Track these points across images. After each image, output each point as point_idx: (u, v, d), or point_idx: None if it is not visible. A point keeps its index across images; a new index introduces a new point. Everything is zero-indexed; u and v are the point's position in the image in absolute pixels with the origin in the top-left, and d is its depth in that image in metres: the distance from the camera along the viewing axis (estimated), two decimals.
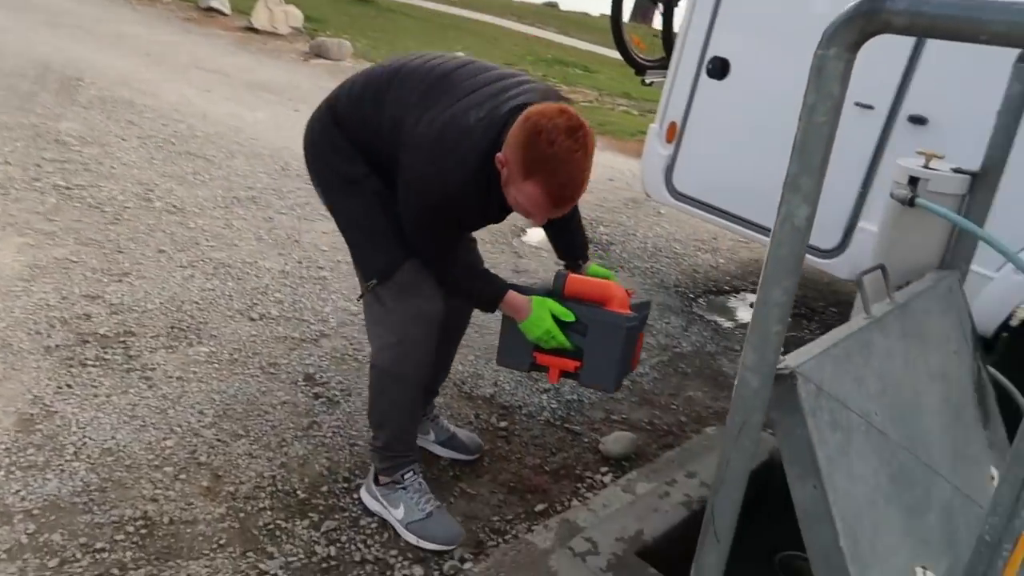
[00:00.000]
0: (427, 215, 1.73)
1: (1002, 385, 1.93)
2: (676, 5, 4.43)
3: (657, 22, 4.51)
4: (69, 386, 2.32)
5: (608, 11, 4.77)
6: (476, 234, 2.11)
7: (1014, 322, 2.79)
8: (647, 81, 4.55)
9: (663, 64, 4.59)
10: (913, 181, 1.90)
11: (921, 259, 1.95)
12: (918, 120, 2.92)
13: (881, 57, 2.97)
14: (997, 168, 1.83)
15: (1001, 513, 0.96)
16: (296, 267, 3.46)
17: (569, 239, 2.12)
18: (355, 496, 2.08)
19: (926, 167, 1.90)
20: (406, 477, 2.01)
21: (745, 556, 1.96)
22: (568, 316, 1.86)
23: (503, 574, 1.80)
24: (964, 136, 2.72)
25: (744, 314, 3.93)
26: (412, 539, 1.95)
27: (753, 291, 4.23)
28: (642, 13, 14.82)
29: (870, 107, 3.05)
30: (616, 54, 4.89)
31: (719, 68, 3.55)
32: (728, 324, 3.74)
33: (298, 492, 2.07)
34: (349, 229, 1.90)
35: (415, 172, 1.70)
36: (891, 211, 1.97)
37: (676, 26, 4.43)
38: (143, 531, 1.85)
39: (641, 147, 4.25)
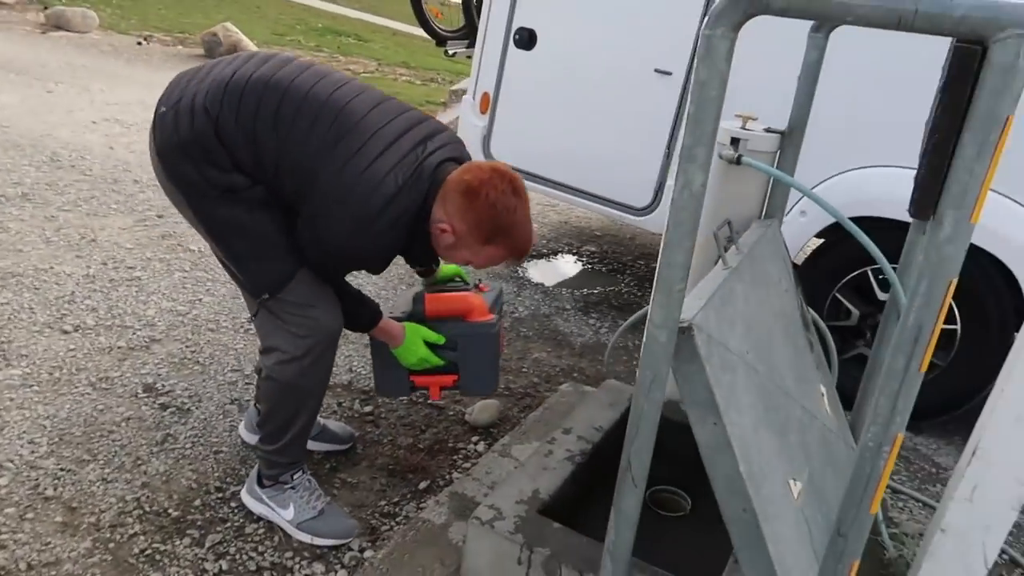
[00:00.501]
0: (333, 262, 1.77)
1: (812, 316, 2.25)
2: None
3: None
4: None
5: None
6: None
7: (798, 260, 3.21)
8: (450, 52, 4.58)
9: (465, 35, 4.64)
10: (735, 141, 2.13)
11: (745, 211, 2.19)
12: None
13: (676, 25, 3.26)
14: (801, 127, 2.10)
15: (880, 422, 1.14)
16: (102, 269, 3.14)
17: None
18: (233, 505, 1.98)
19: (743, 128, 2.13)
20: (295, 477, 1.94)
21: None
22: (439, 339, 1.97)
23: (408, 555, 1.82)
24: (750, 95, 3.08)
25: (567, 273, 4.14)
26: (306, 538, 1.90)
27: (569, 252, 4.47)
28: None
29: (668, 73, 3.31)
30: (388, 22, 4.87)
31: (526, 39, 3.67)
32: (553, 285, 3.93)
33: (169, 511, 1.92)
34: (229, 240, 1.75)
35: (333, 226, 1.66)
36: (717, 170, 2.19)
37: None
38: None
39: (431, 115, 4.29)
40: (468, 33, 4.59)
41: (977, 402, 2.87)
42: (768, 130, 2.15)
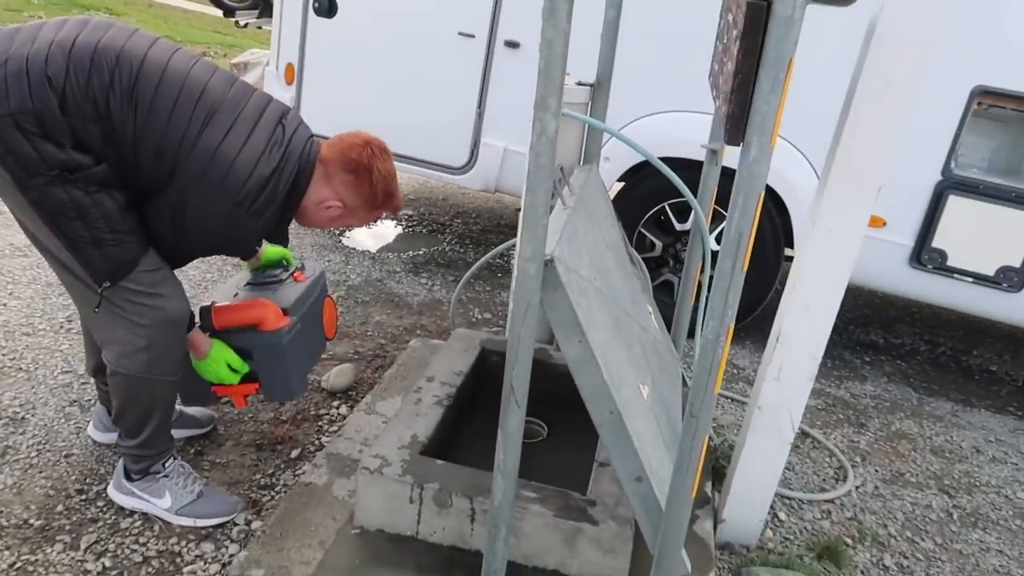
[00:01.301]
0: (201, 248, 1.78)
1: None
2: None
3: None
4: None
5: None
6: None
7: None
8: (241, 23, 4.40)
9: (254, 3, 4.48)
10: None
11: (567, 159, 2.41)
12: (513, 44, 3.42)
13: None
14: (607, 79, 2.34)
15: (716, 316, 1.39)
16: None
17: None
18: (100, 504, 1.91)
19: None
20: (167, 465, 1.91)
21: (484, 427, 2.31)
22: (243, 367, 1.98)
23: (297, 516, 1.87)
24: None
25: (390, 237, 4.22)
26: (188, 522, 1.88)
27: (387, 217, 4.53)
28: None
29: (472, 36, 3.46)
30: None
31: (327, 6, 3.65)
32: (379, 250, 4.00)
33: (31, 521, 1.82)
34: (65, 225, 1.62)
35: (208, 212, 1.65)
36: None
37: None
38: None
39: None
40: (257, 2, 4.43)
41: (760, 311, 3.37)
42: (580, 83, 2.38)
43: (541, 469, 2.19)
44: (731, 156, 2.90)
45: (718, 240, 2.76)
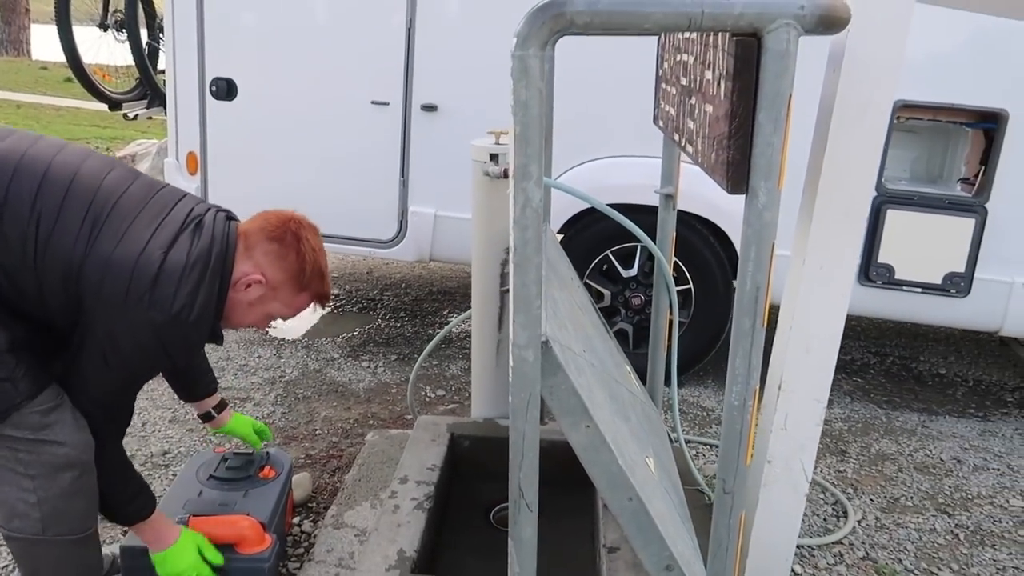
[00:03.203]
0: (136, 379, 1.54)
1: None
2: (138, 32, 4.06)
3: (123, 52, 4.09)
4: None
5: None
6: None
7: None
8: (130, 115, 4.12)
9: (141, 94, 4.22)
10: (493, 157, 2.20)
11: (509, 222, 2.28)
12: (430, 108, 3.30)
13: (383, 56, 3.27)
14: (548, 133, 2.23)
15: (740, 380, 1.26)
16: None
17: (196, 367, 2.00)
18: None
19: (498, 143, 2.21)
20: None
21: (467, 521, 2.11)
22: (218, 560, 1.73)
23: None
24: (470, 114, 3.21)
25: (320, 322, 3.97)
26: None
27: None
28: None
29: (386, 103, 3.32)
30: (8, 95, 4.28)
31: (225, 89, 3.44)
32: (311, 338, 3.74)
33: None
34: None
35: (137, 331, 1.43)
36: (480, 188, 2.25)
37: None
38: None
39: None
40: (145, 92, 4.17)
41: (719, 346, 3.30)
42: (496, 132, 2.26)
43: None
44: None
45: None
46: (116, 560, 1.85)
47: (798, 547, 2.18)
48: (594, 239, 3.23)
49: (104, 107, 4.32)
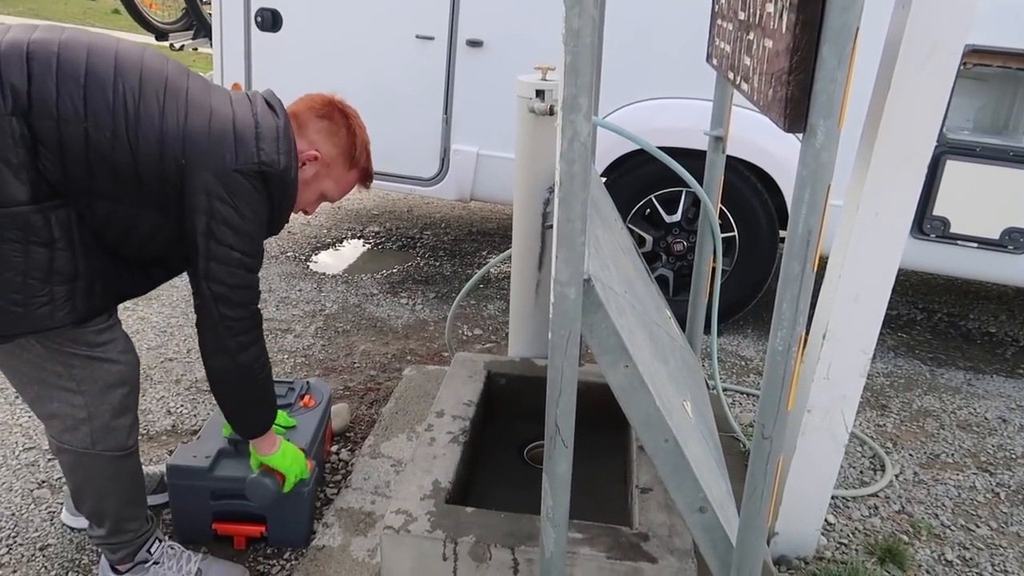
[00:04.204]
0: (251, 233, 1.51)
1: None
2: None
3: None
4: None
5: None
6: None
7: None
8: (176, 46, 4.13)
9: (187, 24, 4.21)
10: (539, 93, 2.15)
11: (553, 160, 2.24)
12: (475, 43, 3.23)
13: None
14: (596, 69, 2.17)
15: (786, 325, 1.23)
16: None
17: None
18: None
19: (544, 79, 2.15)
20: (153, 550, 1.68)
21: (501, 457, 2.14)
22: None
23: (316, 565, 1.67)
24: (515, 51, 3.14)
25: (360, 258, 4.00)
26: None
27: (354, 236, 4.31)
28: None
29: (431, 38, 3.26)
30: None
31: (270, 20, 3.41)
32: (352, 273, 3.78)
33: None
34: None
35: (240, 184, 1.46)
36: (525, 125, 2.21)
37: None
38: None
39: None
40: (191, 22, 4.16)
41: (761, 296, 3.25)
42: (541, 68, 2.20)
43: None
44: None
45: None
46: (164, 478, 1.92)
47: (833, 497, 2.17)
48: (638, 183, 3.17)
49: (151, 37, 4.33)
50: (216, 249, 1.45)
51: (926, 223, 2.87)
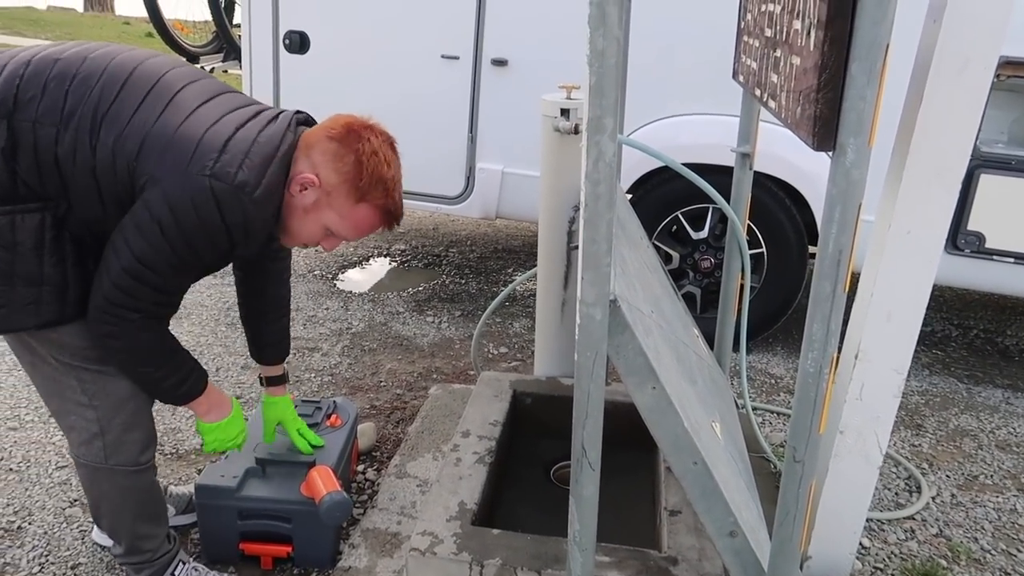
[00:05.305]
0: (194, 246, 1.38)
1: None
2: None
3: (201, 7, 4.16)
4: None
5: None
6: None
7: None
8: (207, 69, 4.21)
9: (218, 47, 4.29)
10: (564, 112, 2.15)
11: (579, 178, 2.23)
12: (500, 62, 3.25)
13: (454, 10, 3.23)
14: (623, 88, 2.17)
15: (817, 347, 1.20)
16: None
17: (274, 322, 1.87)
18: None
19: (570, 98, 2.15)
20: (178, 573, 1.69)
21: (527, 477, 2.12)
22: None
23: None
24: (539, 69, 3.15)
25: (387, 276, 4.01)
26: None
27: (380, 255, 4.33)
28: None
29: (456, 57, 3.28)
30: None
31: (298, 42, 3.46)
32: (378, 291, 3.79)
33: None
34: None
35: (193, 196, 1.32)
36: (549, 144, 2.21)
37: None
38: None
39: None
40: (221, 45, 4.24)
41: (790, 313, 3.20)
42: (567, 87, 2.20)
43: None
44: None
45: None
46: (192, 499, 1.93)
47: (868, 520, 2.12)
48: (664, 200, 3.15)
49: (182, 60, 4.41)
50: (116, 239, 1.37)
51: (960, 238, 2.82)
